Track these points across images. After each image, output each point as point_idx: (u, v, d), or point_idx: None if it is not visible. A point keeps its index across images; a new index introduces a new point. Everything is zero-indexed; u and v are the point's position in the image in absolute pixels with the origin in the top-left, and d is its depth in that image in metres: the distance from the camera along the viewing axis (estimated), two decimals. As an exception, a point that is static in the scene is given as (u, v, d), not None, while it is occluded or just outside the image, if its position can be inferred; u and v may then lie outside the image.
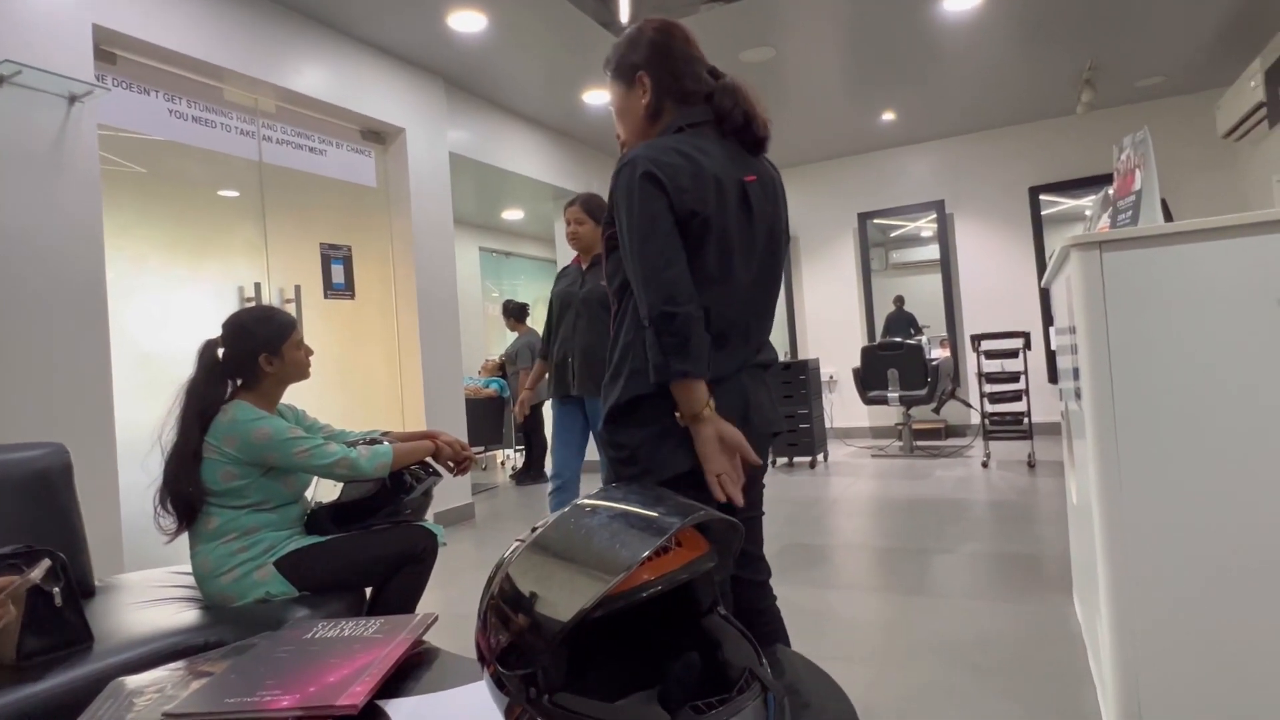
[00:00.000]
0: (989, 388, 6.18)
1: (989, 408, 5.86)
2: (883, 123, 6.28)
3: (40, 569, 1.35)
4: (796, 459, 6.09)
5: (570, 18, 3.99)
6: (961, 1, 4.12)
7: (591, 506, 0.82)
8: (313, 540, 1.80)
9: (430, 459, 1.94)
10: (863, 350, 5.94)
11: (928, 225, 6.97)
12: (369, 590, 1.85)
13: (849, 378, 7.11)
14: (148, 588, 1.84)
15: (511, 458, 7.44)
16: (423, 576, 1.86)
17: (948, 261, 6.84)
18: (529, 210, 7.84)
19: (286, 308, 3.66)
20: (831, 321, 7.38)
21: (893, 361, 5.79)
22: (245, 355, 1.80)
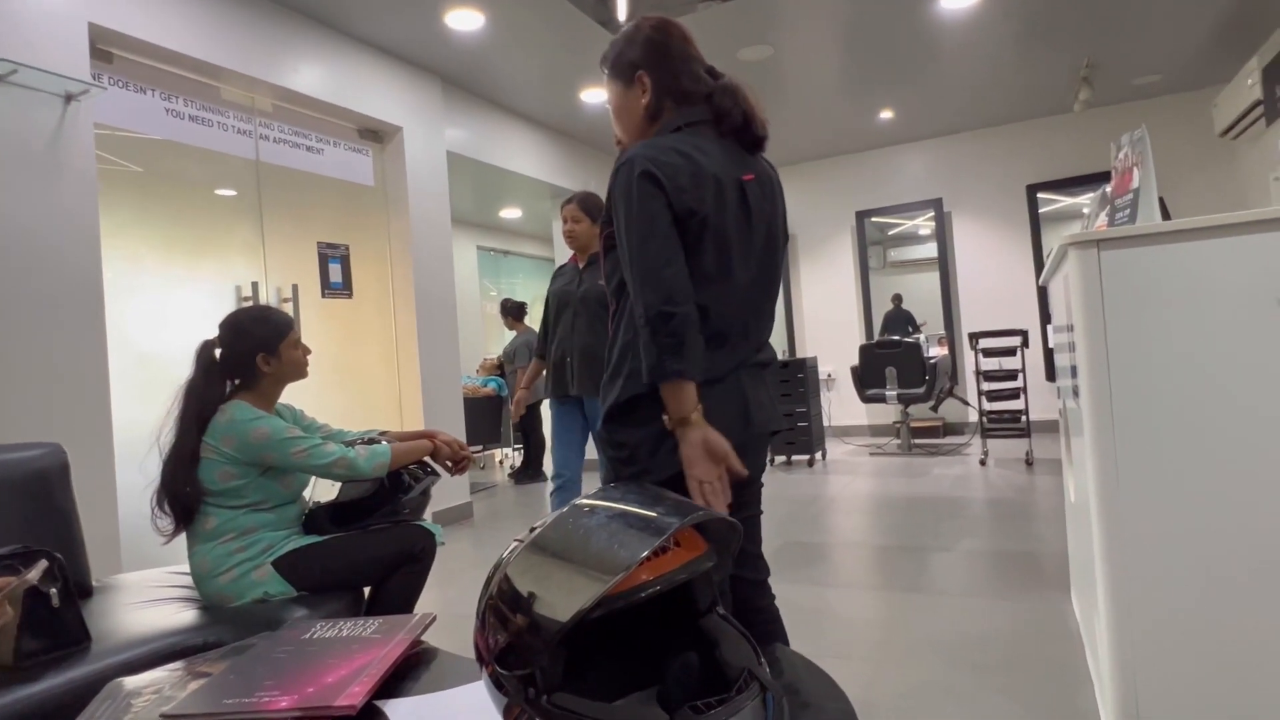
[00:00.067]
0: (987, 386, 6.19)
1: (987, 406, 5.87)
2: (881, 121, 6.28)
3: (37, 570, 1.34)
4: (795, 457, 6.09)
5: (568, 16, 3.98)
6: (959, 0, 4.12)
7: (590, 506, 0.82)
8: (311, 540, 1.80)
9: (428, 458, 1.94)
10: (861, 348, 5.95)
11: (925, 223, 6.97)
12: (367, 590, 1.85)
13: (847, 376, 7.12)
14: (145, 588, 1.84)
15: (510, 457, 7.44)
16: (421, 576, 1.86)
17: (945, 260, 6.84)
18: (527, 209, 7.84)
19: (284, 307, 3.66)
20: (829, 320, 7.38)
21: (891, 360, 5.80)
22: (243, 355, 1.80)
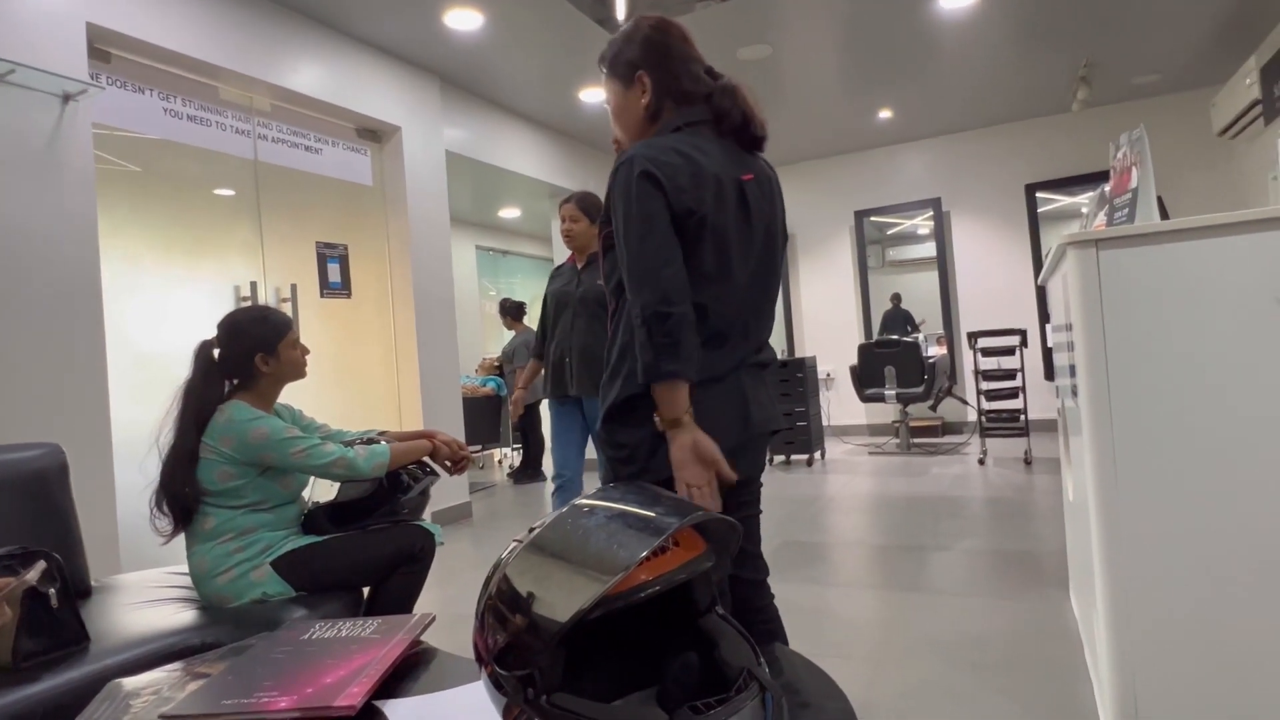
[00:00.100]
0: (985, 385, 6.20)
1: (986, 405, 5.88)
2: (879, 120, 6.28)
3: (36, 570, 1.34)
4: (794, 457, 6.09)
5: (567, 16, 3.98)
6: (958, -1, 4.13)
7: (589, 506, 0.82)
8: (310, 540, 1.79)
9: (428, 458, 1.94)
10: (860, 348, 5.95)
11: (924, 223, 6.98)
12: (366, 590, 1.85)
13: (846, 375, 7.12)
14: (144, 588, 1.84)
15: (509, 456, 7.44)
16: (420, 576, 1.86)
17: (944, 259, 6.85)
18: (526, 208, 7.84)
19: (283, 307, 3.65)
20: (828, 319, 7.38)
21: (890, 359, 5.80)
22: (241, 355, 1.80)
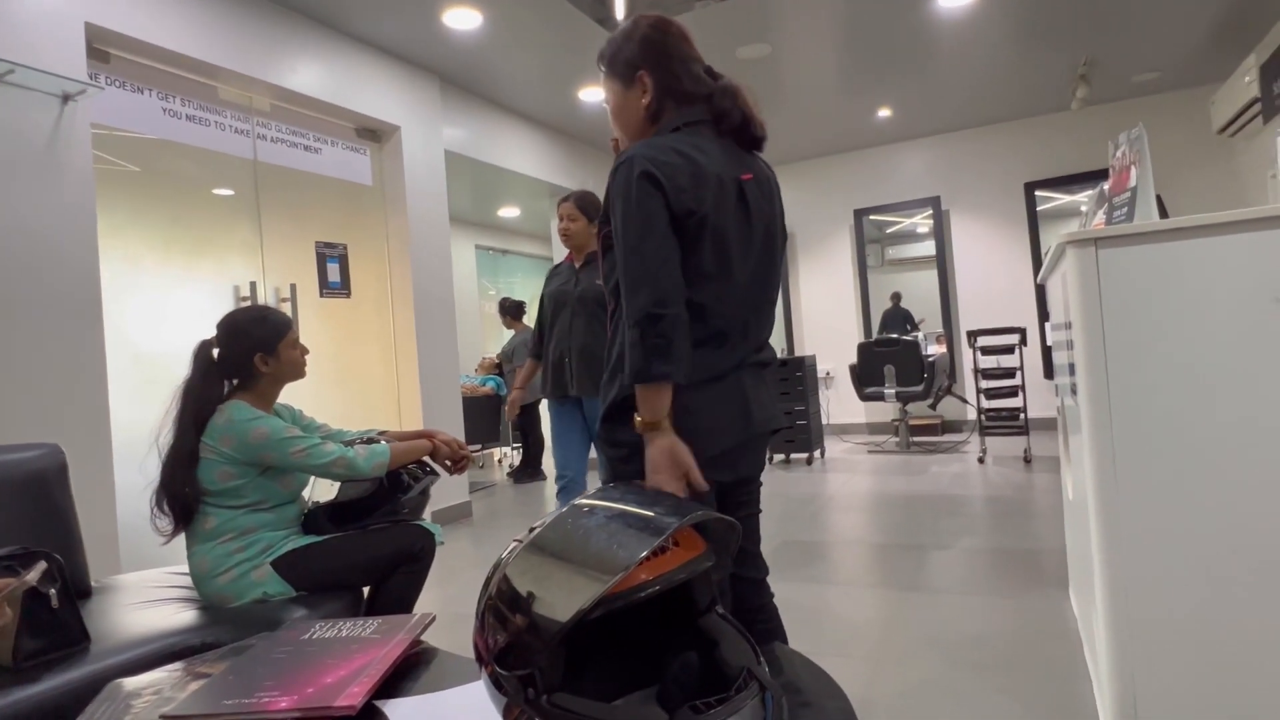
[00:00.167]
0: (985, 383, 6.21)
1: (985, 403, 5.88)
2: (879, 119, 6.28)
3: (36, 571, 1.34)
4: (793, 456, 6.09)
5: (566, 15, 3.98)
6: (957, -3, 4.12)
7: (589, 506, 0.82)
8: (310, 540, 1.80)
9: (428, 458, 1.94)
10: (859, 346, 5.95)
11: (924, 221, 6.98)
12: (366, 590, 1.85)
13: (846, 374, 7.12)
14: (144, 588, 1.84)
15: (509, 456, 7.45)
16: (420, 576, 1.86)
17: (944, 257, 6.85)
18: (525, 208, 7.83)
19: (282, 306, 3.65)
20: (828, 318, 7.38)
21: (889, 358, 5.80)
22: (241, 355, 1.80)
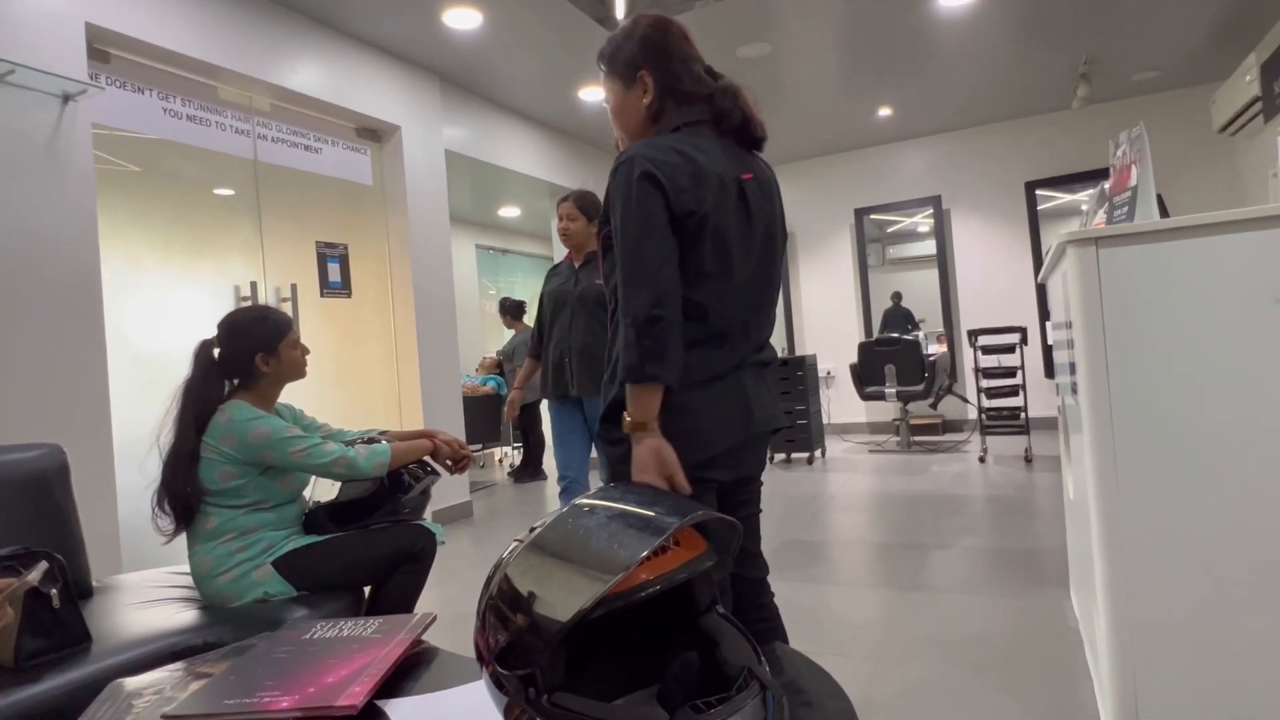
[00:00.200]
0: (986, 383, 6.21)
1: (986, 403, 5.88)
2: (879, 118, 6.28)
3: (38, 571, 1.35)
4: (794, 455, 6.09)
5: (566, 15, 3.98)
6: (957, -3, 4.12)
7: (590, 506, 0.82)
8: (311, 540, 1.80)
9: (428, 458, 1.94)
10: (860, 346, 5.95)
11: (924, 220, 6.97)
12: (367, 590, 1.85)
13: (846, 373, 7.12)
14: (146, 588, 1.84)
15: (509, 455, 7.45)
16: (421, 575, 1.86)
17: (944, 257, 6.84)
18: (525, 207, 7.83)
19: (283, 306, 3.65)
20: (828, 317, 7.38)
21: (890, 357, 5.80)
22: (241, 355, 1.80)
